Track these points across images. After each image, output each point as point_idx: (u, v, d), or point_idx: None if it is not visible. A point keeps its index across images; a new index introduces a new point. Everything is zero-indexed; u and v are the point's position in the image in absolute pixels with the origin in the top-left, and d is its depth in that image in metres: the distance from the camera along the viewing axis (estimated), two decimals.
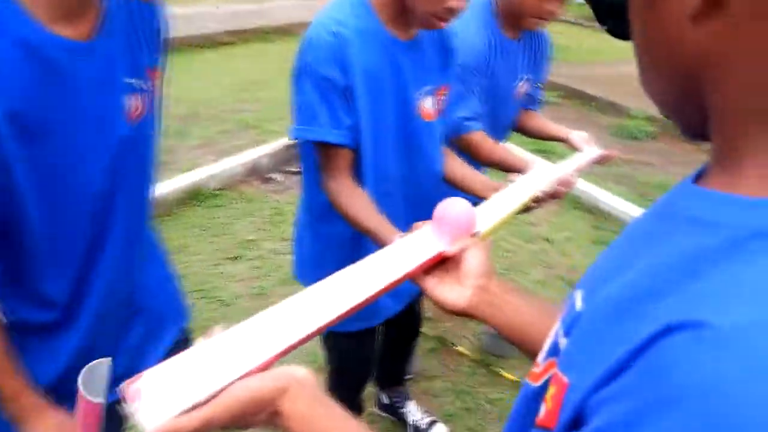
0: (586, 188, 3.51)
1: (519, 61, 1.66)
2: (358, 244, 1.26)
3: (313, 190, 1.29)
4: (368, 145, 1.20)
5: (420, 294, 1.41)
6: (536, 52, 1.72)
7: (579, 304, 0.42)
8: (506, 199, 1.00)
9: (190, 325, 1.23)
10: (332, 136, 1.14)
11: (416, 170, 1.31)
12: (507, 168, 1.49)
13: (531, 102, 1.85)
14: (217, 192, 3.44)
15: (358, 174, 1.22)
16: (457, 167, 1.38)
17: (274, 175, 3.76)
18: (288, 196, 3.49)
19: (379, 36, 1.14)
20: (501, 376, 2.24)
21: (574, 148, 1.70)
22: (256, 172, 3.74)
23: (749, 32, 0.32)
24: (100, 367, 0.74)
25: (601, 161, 1.65)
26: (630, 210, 3.39)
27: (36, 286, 0.85)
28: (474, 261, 0.67)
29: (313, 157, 1.24)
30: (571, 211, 3.51)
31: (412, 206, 1.34)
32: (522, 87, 1.72)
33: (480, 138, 1.53)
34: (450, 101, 1.37)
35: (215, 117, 4.67)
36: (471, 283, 0.66)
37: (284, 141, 4.05)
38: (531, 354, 0.56)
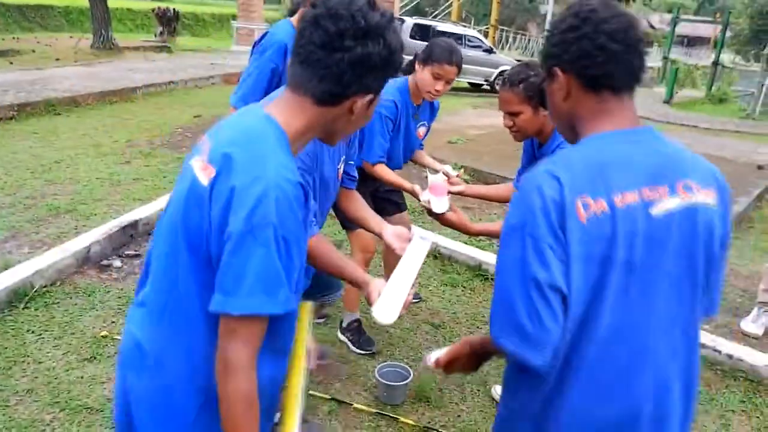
0: (426, 236, 3.85)
1: (335, 148, 1.68)
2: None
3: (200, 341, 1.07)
4: None
5: None
6: None
7: None
8: (402, 280, 1.51)
9: None
10: (292, 304, 1.02)
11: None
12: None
13: (347, 180, 1.89)
14: (47, 289, 3.03)
15: None
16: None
17: (111, 262, 3.44)
18: (132, 282, 3.21)
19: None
20: (402, 422, 2.34)
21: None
22: (90, 261, 3.38)
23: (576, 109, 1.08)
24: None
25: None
26: (467, 251, 3.80)
27: None
28: None
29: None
30: None
31: None
32: (340, 168, 1.76)
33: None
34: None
35: (18, 204, 4.12)
36: None
37: (115, 223, 3.73)
38: None
